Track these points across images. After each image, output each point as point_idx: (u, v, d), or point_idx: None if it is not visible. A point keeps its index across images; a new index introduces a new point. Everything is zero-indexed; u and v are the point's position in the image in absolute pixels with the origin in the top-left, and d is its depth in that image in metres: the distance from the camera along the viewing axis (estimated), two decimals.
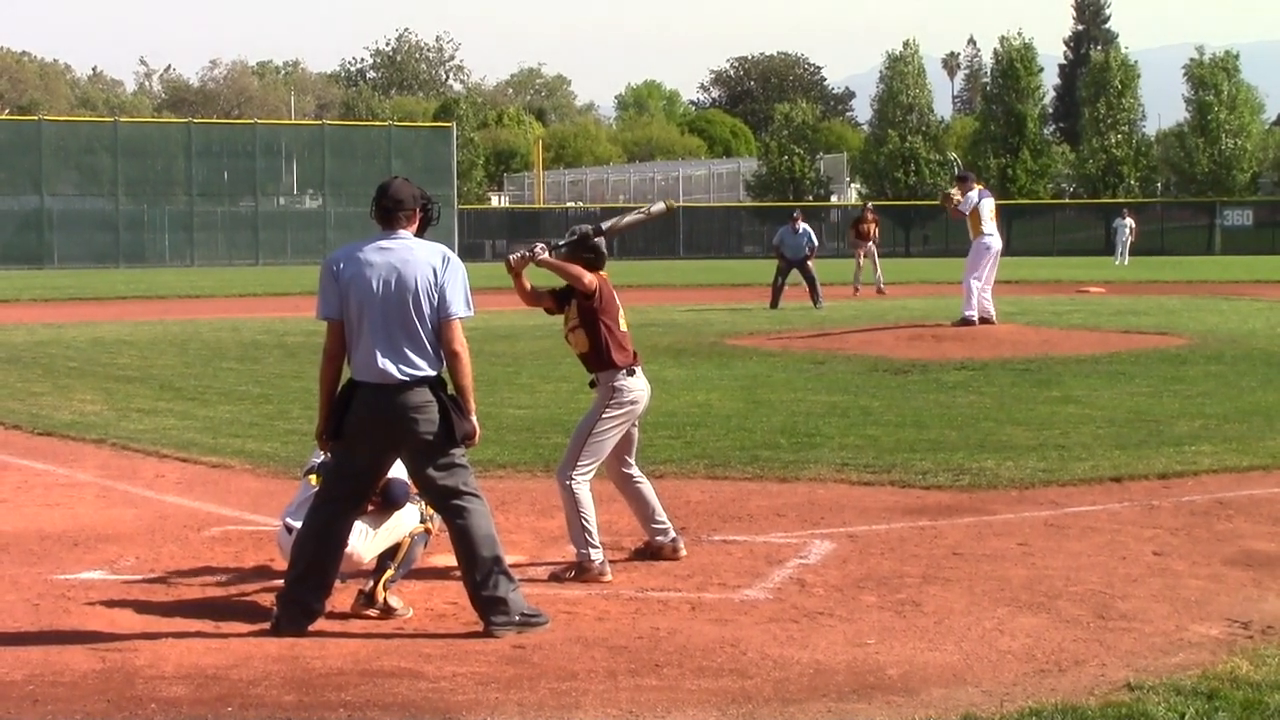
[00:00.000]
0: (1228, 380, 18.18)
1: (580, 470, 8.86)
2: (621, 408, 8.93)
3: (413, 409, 7.53)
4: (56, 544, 9.83)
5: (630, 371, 8.95)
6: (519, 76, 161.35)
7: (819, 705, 6.48)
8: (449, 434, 7.56)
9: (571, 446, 8.96)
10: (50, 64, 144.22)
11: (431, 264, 7.60)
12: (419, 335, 7.55)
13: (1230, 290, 40.06)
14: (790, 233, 33.86)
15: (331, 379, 7.76)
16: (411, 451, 7.65)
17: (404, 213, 7.73)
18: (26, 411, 16.47)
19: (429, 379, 7.57)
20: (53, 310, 36.12)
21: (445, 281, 7.58)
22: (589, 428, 8.92)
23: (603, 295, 8.92)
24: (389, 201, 7.73)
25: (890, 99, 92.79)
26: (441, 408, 7.56)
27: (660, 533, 9.20)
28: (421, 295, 7.54)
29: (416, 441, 7.58)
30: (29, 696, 6.65)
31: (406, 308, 7.54)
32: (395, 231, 7.72)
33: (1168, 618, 7.81)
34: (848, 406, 15.92)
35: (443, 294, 7.57)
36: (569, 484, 8.81)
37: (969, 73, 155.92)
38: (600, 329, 8.91)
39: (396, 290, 7.55)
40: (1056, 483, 11.52)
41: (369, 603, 8.00)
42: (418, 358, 7.55)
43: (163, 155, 74.49)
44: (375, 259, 7.62)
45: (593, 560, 8.77)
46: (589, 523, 8.80)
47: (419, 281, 7.55)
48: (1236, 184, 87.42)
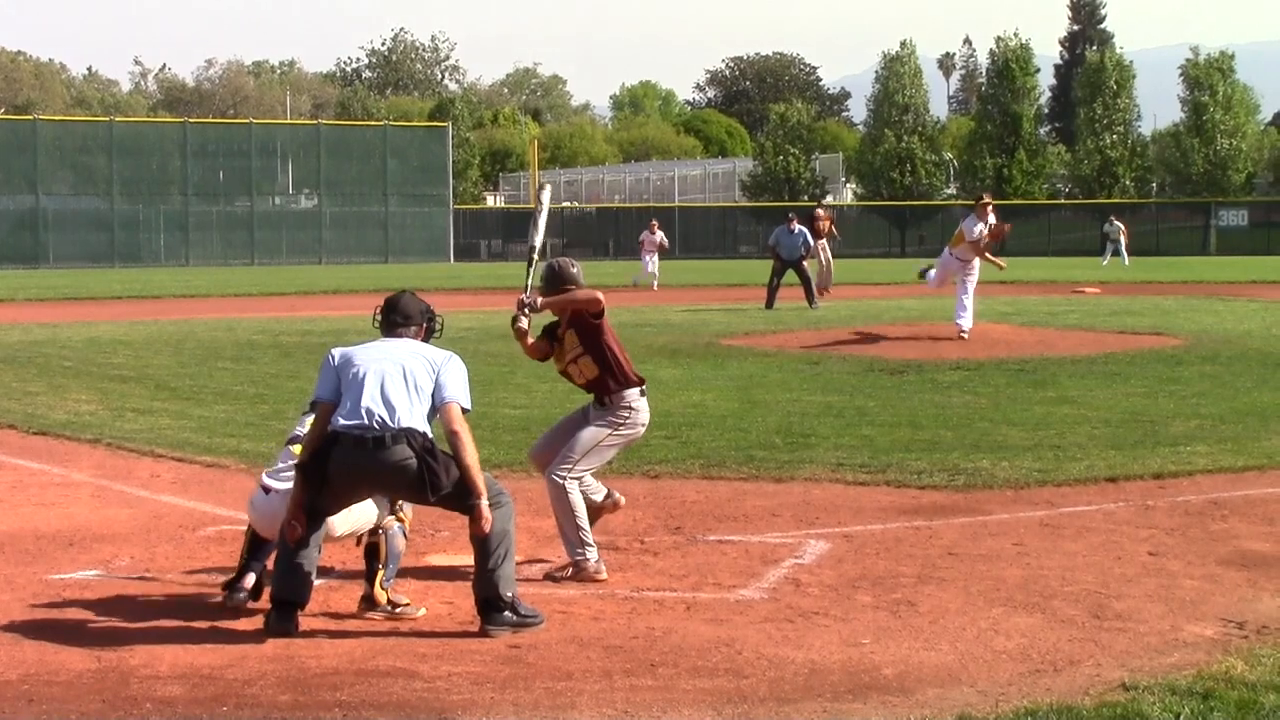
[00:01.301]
0: (1223, 381, 18.19)
1: (575, 474, 8.83)
2: (633, 429, 8.90)
3: (394, 462, 7.57)
4: (51, 543, 9.83)
5: (643, 391, 8.92)
6: (514, 76, 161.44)
7: (814, 705, 6.48)
8: (428, 483, 7.60)
9: (568, 451, 8.85)
10: (45, 63, 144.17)
11: (434, 358, 7.83)
12: (410, 400, 7.65)
13: (1225, 291, 40.09)
14: (786, 233, 33.86)
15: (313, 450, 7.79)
16: (400, 495, 7.93)
17: (412, 327, 8.10)
18: (21, 411, 16.46)
19: (412, 433, 7.58)
20: (48, 310, 36.10)
21: (443, 371, 7.77)
22: (595, 440, 8.84)
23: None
24: (398, 317, 8.08)
25: (886, 99, 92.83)
26: (420, 461, 7.58)
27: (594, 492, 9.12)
28: (420, 374, 7.72)
29: (400, 491, 7.82)
30: (24, 696, 6.64)
31: (400, 379, 7.68)
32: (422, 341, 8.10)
33: (1163, 618, 7.81)
34: (843, 407, 15.93)
35: (440, 382, 7.73)
36: (562, 483, 8.78)
37: (965, 73, 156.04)
38: (606, 349, 8.83)
39: (394, 365, 7.73)
40: (1052, 483, 11.52)
41: (371, 605, 8.01)
42: (403, 416, 7.60)
43: (158, 155, 74.53)
44: (377, 350, 7.87)
45: (588, 559, 8.77)
46: (581, 522, 8.79)
47: (419, 364, 7.76)
48: (1232, 184, 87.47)
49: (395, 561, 8.17)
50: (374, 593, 8.03)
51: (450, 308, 35.53)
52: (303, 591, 7.68)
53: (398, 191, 76.02)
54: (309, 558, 7.74)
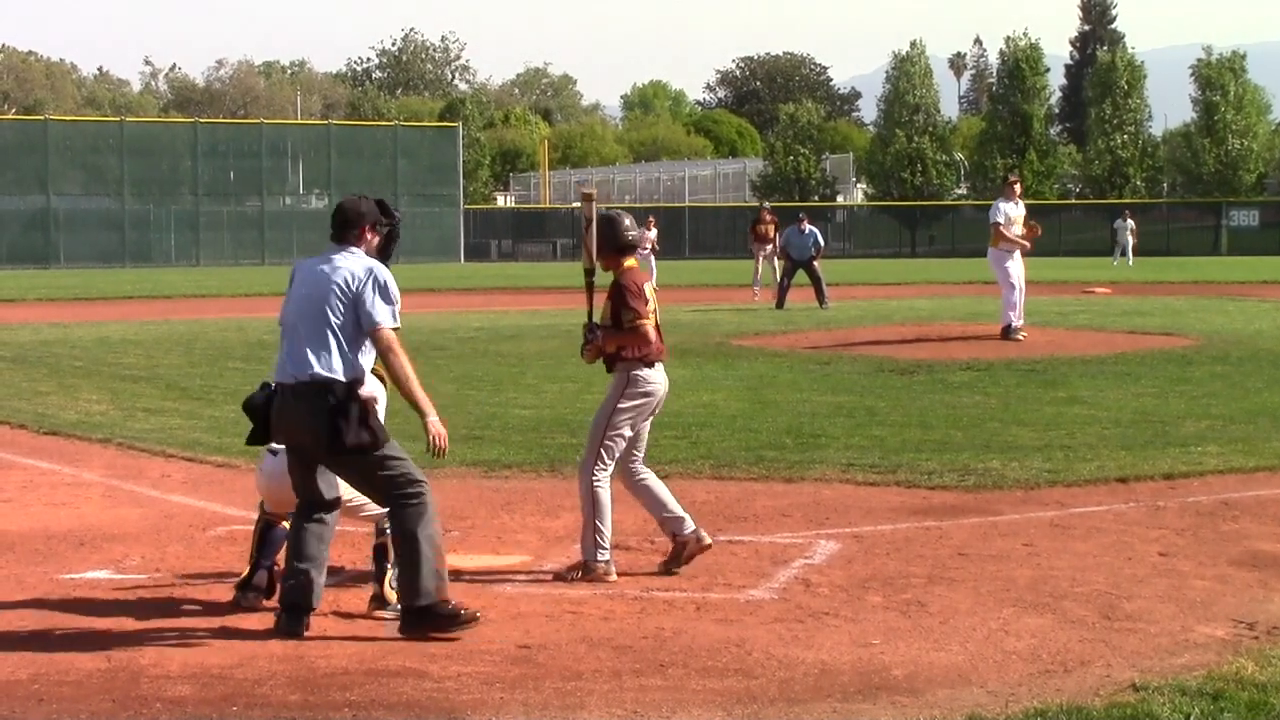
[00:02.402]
0: (1234, 381, 18.16)
1: (601, 468, 8.81)
2: (634, 399, 8.88)
3: (308, 412, 7.53)
4: (62, 543, 9.84)
5: (647, 363, 8.89)
6: (525, 76, 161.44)
7: (824, 705, 6.48)
8: (337, 438, 7.48)
9: (590, 441, 8.92)
10: (56, 64, 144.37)
11: (351, 279, 7.62)
12: (328, 341, 7.56)
13: (1236, 291, 40.02)
14: (796, 233, 33.80)
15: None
16: (317, 456, 7.68)
17: (351, 231, 7.82)
18: (32, 411, 16.49)
19: (329, 382, 7.51)
20: (58, 310, 36.16)
21: (362, 293, 7.59)
22: (604, 419, 8.86)
23: (640, 290, 8.83)
24: (338, 219, 7.86)
25: (896, 99, 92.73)
26: (333, 413, 7.47)
27: (675, 522, 8.97)
28: (339, 305, 7.58)
29: (315, 444, 7.60)
30: (34, 696, 6.65)
31: (321, 319, 7.58)
32: (346, 247, 7.80)
33: (1173, 618, 7.80)
34: (853, 407, 15.91)
35: (360, 307, 7.58)
36: (593, 484, 8.79)
37: (975, 73, 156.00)
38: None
39: (314, 305, 7.61)
40: (1062, 483, 11.51)
41: (382, 604, 8.04)
42: (319, 363, 7.53)
43: (169, 155, 74.57)
44: (311, 271, 7.77)
45: (598, 562, 8.77)
46: (603, 525, 8.77)
47: (337, 295, 7.59)
48: (1243, 184, 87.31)
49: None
50: (384, 591, 8.04)
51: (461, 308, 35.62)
52: (311, 596, 7.68)
53: (408, 191, 76.00)
54: (319, 560, 7.73)
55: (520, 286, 46.89)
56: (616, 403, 8.85)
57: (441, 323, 29.27)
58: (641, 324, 8.78)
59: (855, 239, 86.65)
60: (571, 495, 11.28)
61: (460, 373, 19.54)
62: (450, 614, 7.56)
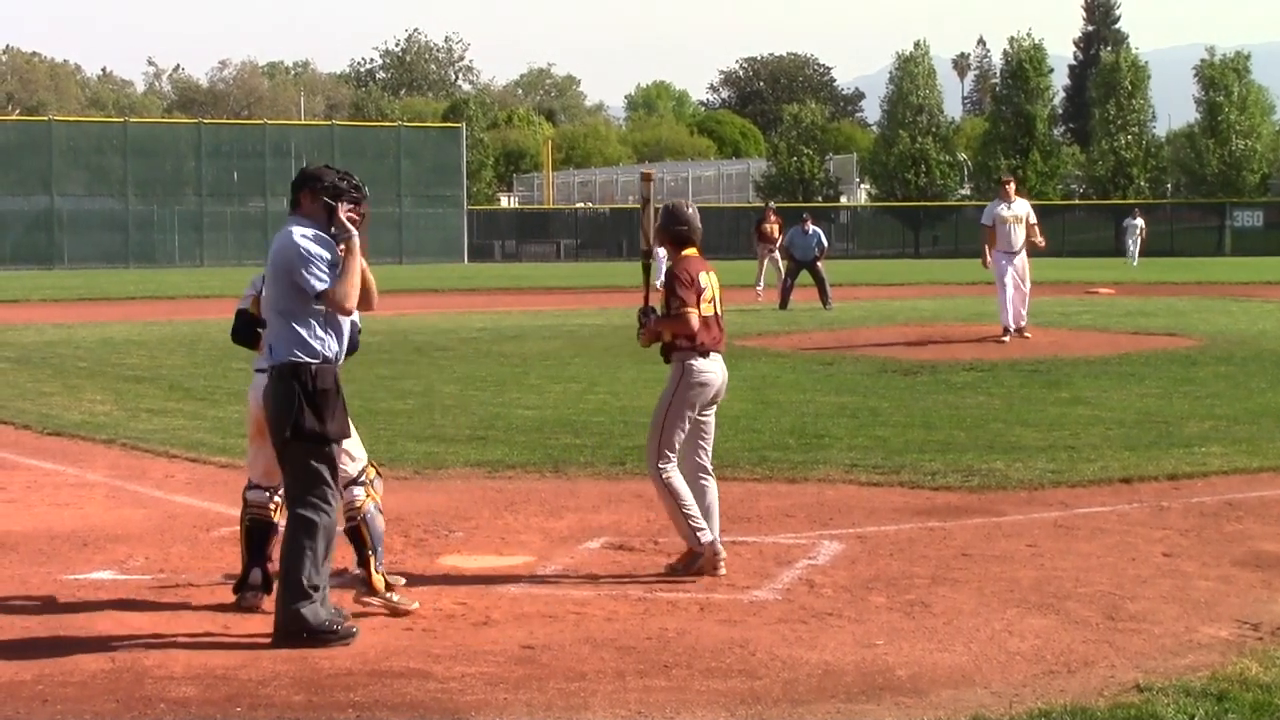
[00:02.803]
0: (1238, 381, 18.15)
1: (664, 460, 8.80)
2: (688, 389, 8.84)
3: (265, 395, 7.63)
4: (66, 544, 9.85)
5: (702, 353, 8.84)
6: (528, 77, 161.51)
7: (828, 706, 6.48)
8: (284, 422, 7.44)
9: (650, 433, 8.93)
10: (60, 64, 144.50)
11: (279, 253, 7.55)
12: (276, 319, 7.56)
13: (1240, 291, 40.00)
14: (800, 234, 33.76)
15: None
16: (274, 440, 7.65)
17: (293, 196, 7.77)
18: (36, 411, 16.50)
19: (278, 366, 7.50)
20: (62, 310, 36.17)
21: (292, 267, 7.47)
22: (662, 410, 8.86)
23: (691, 279, 8.81)
24: (291, 193, 7.81)
25: (900, 100, 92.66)
26: (285, 396, 7.44)
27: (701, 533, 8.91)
28: (275, 284, 7.57)
29: (270, 426, 7.63)
30: (38, 696, 6.66)
31: (269, 299, 7.63)
32: (292, 216, 7.76)
33: (1177, 619, 7.80)
34: (856, 407, 15.91)
35: (295, 277, 7.48)
36: (661, 477, 8.77)
37: (979, 73, 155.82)
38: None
39: (268, 281, 7.67)
40: (1066, 484, 11.51)
41: (370, 590, 8.08)
42: (273, 343, 7.57)
43: (172, 155, 74.56)
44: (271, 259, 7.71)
45: (703, 545, 8.73)
46: (689, 510, 8.73)
47: (273, 272, 7.59)
48: (1247, 185, 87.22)
49: (380, 543, 8.20)
50: (371, 578, 8.08)
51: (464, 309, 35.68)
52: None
53: (412, 192, 76.02)
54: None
55: (524, 287, 46.87)
56: (672, 394, 8.86)
57: (445, 323, 29.29)
58: (685, 311, 8.74)
59: (859, 239, 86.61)
60: (574, 496, 11.33)
61: (464, 373, 19.54)
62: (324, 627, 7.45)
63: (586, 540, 9.83)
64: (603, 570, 9.01)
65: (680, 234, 8.99)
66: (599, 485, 11.77)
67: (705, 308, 8.84)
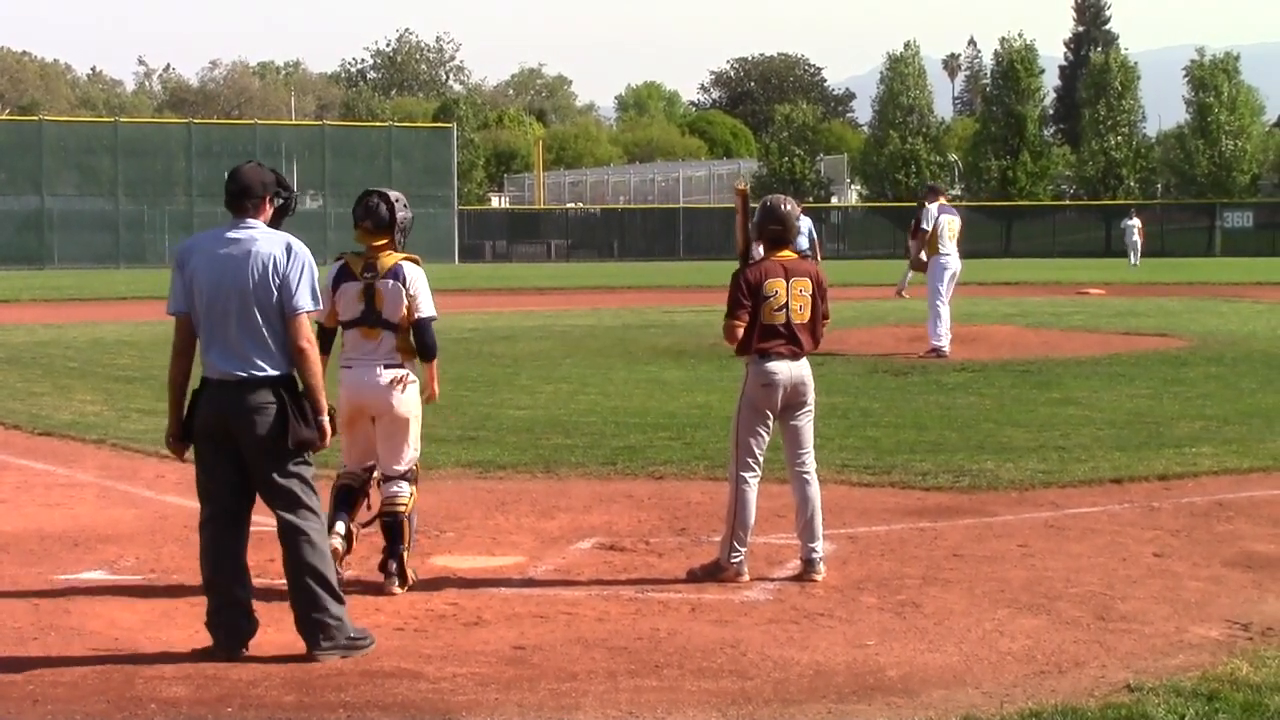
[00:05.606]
0: (1228, 382, 18.19)
1: (742, 465, 8.86)
2: (753, 390, 8.84)
3: (251, 409, 7.16)
4: (56, 544, 9.83)
5: (764, 356, 8.79)
6: (519, 77, 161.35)
7: (819, 706, 6.48)
8: (283, 437, 7.14)
9: (730, 438, 9.06)
10: (50, 64, 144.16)
11: (273, 255, 7.17)
12: (260, 331, 7.17)
13: (1230, 292, 40.07)
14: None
15: (180, 377, 7.50)
16: (248, 452, 7.19)
17: (251, 201, 7.32)
18: (27, 411, 16.47)
19: (271, 378, 7.19)
20: (53, 311, 36.12)
21: (288, 274, 7.15)
22: (735, 414, 8.96)
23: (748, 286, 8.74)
24: (235, 187, 7.34)
25: (890, 100, 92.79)
26: (281, 409, 7.15)
27: (806, 538, 8.89)
28: (261, 290, 7.16)
29: (252, 441, 7.17)
30: (29, 696, 6.65)
31: (248, 302, 7.17)
32: (244, 220, 7.29)
33: (1168, 619, 7.81)
34: (847, 408, 15.91)
35: (286, 288, 7.15)
36: (736, 482, 8.86)
37: (969, 74, 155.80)
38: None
39: (236, 284, 7.15)
40: (1057, 484, 11.52)
41: (404, 581, 8.47)
42: (258, 355, 7.17)
43: (163, 156, 74.51)
44: (219, 251, 7.24)
45: (731, 562, 8.74)
46: (741, 528, 8.74)
47: (258, 275, 7.14)
48: (1237, 186, 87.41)
49: (414, 538, 8.76)
50: (404, 570, 8.53)
51: (454, 309, 35.69)
52: (237, 616, 7.29)
53: (402, 192, 75.56)
54: (235, 585, 7.32)
55: (514, 287, 46.86)
56: (740, 395, 8.93)
57: (435, 324, 29.23)
58: (728, 323, 8.78)
59: (849, 240, 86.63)
60: (566, 496, 11.33)
61: (454, 373, 19.52)
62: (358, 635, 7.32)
63: (578, 541, 9.83)
64: (594, 571, 9.01)
65: (775, 234, 8.90)
66: (590, 486, 11.77)
67: (777, 316, 8.75)
